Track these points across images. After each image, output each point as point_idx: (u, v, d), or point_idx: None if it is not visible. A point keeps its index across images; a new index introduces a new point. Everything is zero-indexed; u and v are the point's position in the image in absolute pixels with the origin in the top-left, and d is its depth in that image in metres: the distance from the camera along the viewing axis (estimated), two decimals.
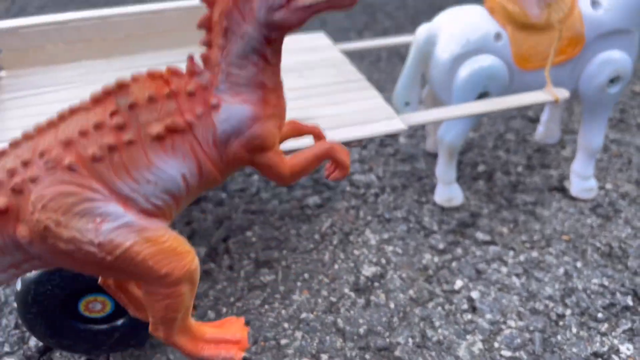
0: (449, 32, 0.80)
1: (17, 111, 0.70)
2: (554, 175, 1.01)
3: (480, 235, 0.86)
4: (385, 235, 0.86)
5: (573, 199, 0.95)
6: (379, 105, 0.70)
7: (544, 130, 1.06)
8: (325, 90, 0.74)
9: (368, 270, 0.80)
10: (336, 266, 0.81)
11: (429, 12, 1.74)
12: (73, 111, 0.43)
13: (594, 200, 0.95)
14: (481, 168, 1.03)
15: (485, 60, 0.78)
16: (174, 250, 0.44)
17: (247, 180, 0.98)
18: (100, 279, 0.56)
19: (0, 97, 0.74)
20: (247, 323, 0.71)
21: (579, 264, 0.82)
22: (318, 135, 0.56)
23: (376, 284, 0.78)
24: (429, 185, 0.97)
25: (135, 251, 0.43)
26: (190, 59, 0.45)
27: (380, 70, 1.40)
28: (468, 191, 0.96)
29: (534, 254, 0.83)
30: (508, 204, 0.94)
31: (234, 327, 0.53)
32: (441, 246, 0.84)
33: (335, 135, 0.63)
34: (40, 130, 0.43)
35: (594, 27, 0.79)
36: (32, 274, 0.56)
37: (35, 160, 0.42)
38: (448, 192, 0.91)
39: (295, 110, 0.70)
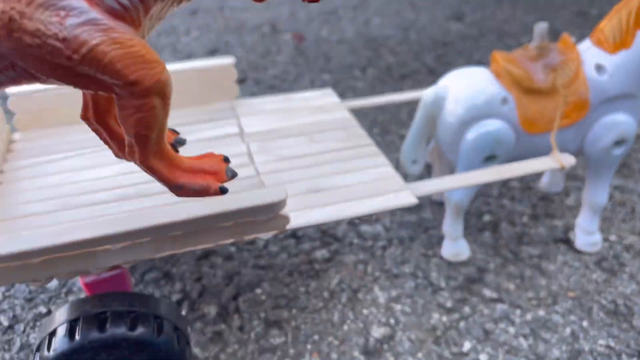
0: (455, 95, 0.81)
1: (32, 181, 0.71)
2: (559, 226, 1.02)
3: (487, 292, 0.87)
4: (394, 293, 0.87)
5: (578, 251, 0.96)
6: (388, 175, 0.71)
7: (549, 180, 1.07)
8: (335, 157, 0.75)
9: (377, 332, 0.81)
10: (345, 327, 0.81)
11: (432, 47, 1.76)
12: None
13: (599, 253, 0.96)
14: (487, 218, 1.04)
15: (491, 125, 0.79)
16: (142, 56, 0.42)
17: None
18: (81, 113, 0.54)
19: (15, 163, 0.75)
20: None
21: (585, 323, 0.82)
22: None
23: (385, 346, 0.78)
24: (435, 237, 0.98)
25: (101, 51, 0.40)
26: None
27: (385, 111, 1.41)
28: (474, 243, 0.97)
29: (541, 312, 0.84)
30: (514, 258, 0.94)
31: (213, 160, 0.52)
32: (449, 304, 0.85)
33: (347, 210, 0.64)
34: None
35: (599, 92, 0.80)
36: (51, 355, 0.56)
37: None
38: (455, 247, 0.92)
39: (307, 180, 0.71)
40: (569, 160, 0.76)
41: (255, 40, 1.74)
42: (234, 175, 0.53)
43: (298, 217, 0.63)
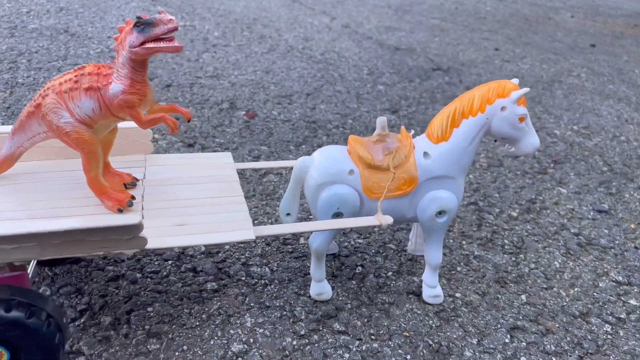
0: (316, 165, 0.97)
1: None
2: (416, 282, 1.15)
3: (337, 326, 1.00)
4: (260, 320, 0.99)
5: (424, 302, 1.09)
6: (242, 219, 0.86)
7: (412, 244, 1.21)
8: (207, 202, 0.90)
9: (236, 347, 0.92)
10: (212, 341, 0.93)
11: (362, 132, 1.94)
12: (67, 73, 0.84)
13: (441, 305, 1.09)
14: (358, 270, 1.17)
15: (339, 189, 0.95)
16: (86, 139, 0.83)
17: (162, 264, 1.12)
18: None
19: None
20: None
21: (408, 357, 0.94)
22: (175, 110, 0.91)
23: (239, 359, 0.90)
24: (310, 281, 1.11)
25: (70, 133, 0.82)
26: (111, 61, 0.84)
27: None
28: (341, 288, 1.10)
29: (375, 345, 0.96)
30: (369, 302, 1.07)
31: (124, 195, 0.88)
32: (303, 332, 0.97)
33: (196, 240, 0.78)
34: (56, 78, 0.84)
35: (425, 172, 0.96)
36: None
37: (50, 88, 0.83)
38: (319, 287, 1.05)
39: (178, 217, 0.85)
40: (387, 220, 0.91)
41: (213, 113, 1.92)
42: (130, 205, 0.87)
43: (155, 241, 0.77)
